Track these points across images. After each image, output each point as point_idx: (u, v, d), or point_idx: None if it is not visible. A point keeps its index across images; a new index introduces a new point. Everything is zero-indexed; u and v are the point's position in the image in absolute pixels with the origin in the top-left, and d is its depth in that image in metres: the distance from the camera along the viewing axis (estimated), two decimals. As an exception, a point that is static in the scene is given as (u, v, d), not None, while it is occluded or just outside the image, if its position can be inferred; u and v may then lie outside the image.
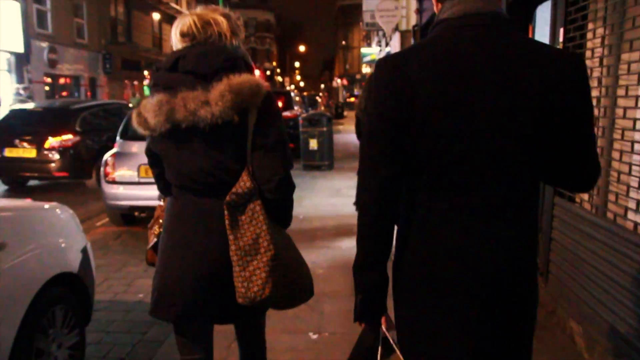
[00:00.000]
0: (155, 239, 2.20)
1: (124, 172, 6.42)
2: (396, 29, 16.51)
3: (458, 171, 1.37)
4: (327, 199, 8.48)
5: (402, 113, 1.37)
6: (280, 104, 3.02)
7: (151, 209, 6.49)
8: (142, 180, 6.33)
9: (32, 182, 10.52)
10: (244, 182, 1.83)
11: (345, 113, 40.53)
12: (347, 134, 23.49)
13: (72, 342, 2.95)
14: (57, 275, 2.81)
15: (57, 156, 9.24)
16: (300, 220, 6.78)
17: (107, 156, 6.62)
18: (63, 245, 3.01)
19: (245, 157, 1.86)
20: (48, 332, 2.73)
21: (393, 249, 1.55)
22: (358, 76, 61.33)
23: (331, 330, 3.68)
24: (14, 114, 10.15)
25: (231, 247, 1.83)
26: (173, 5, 34.06)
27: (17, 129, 9.53)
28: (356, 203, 6.47)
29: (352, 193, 8.92)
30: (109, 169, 6.46)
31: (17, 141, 9.31)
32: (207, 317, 1.98)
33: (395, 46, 12.87)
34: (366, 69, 47.16)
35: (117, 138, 6.84)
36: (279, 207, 1.93)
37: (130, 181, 6.39)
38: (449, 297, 1.41)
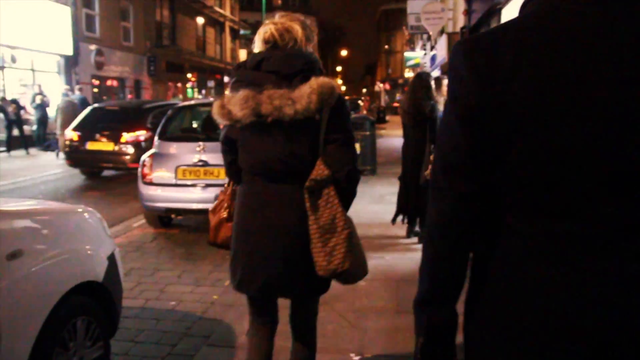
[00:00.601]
0: (224, 222, 2.39)
1: (161, 174, 6.26)
2: (442, 31, 16.07)
3: (569, 188, 1.00)
4: (370, 205, 8.14)
5: (489, 110, 1.03)
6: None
7: (188, 212, 6.36)
8: (179, 182, 6.16)
9: (106, 173, 11.63)
10: (322, 170, 2.08)
11: (388, 117, 39.98)
12: (389, 139, 23.07)
13: (96, 356, 2.74)
14: (80, 285, 2.60)
15: (131, 149, 10.36)
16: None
17: (144, 157, 6.48)
18: (88, 252, 2.80)
19: (317, 149, 2.10)
20: (69, 345, 2.52)
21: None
22: (400, 81, 60.67)
23: (374, 352, 3.37)
24: (94, 112, 11.39)
25: (312, 227, 2.07)
26: (217, 9, 34.39)
27: (97, 125, 10.78)
28: (401, 220, 6.15)
29: (396, 200, 8.61)
30: (146, 170, 6.31)
31: (97, 136, 10.58)
32: (279, 292, 2.25)
33: (441, 49, 12.44)
34: (409, 74, 46.60)
35: (155, 139, 6.70)
36: (346, 194, 2.18)
37: (168, 183, 6.22)
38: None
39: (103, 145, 10.60)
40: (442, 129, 1.16)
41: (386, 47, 69.95)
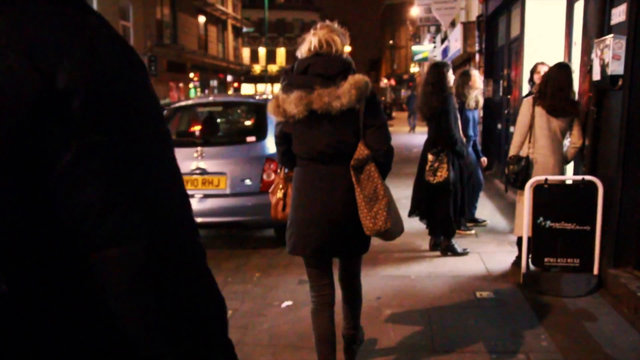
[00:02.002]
0: (280, 200, 2.91)
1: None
2: (452, 23, 15.35)
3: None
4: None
5: None
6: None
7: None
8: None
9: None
10: (362, 151, 2.55)
11: (394, 114, 39.25)
12: (397, 135, 22.44)
13: None
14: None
15: None
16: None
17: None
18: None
19: (358, 133, 2.57)
20: None
21: None
22: (406, 76, 59.82)
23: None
24: None
25: (359, 197, 2.54)
26: (219, 6, 33.73)
27: None
28: (419, 220, 5.54)
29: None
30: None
31: None
32: (330, 252, 2.70)
33: (455, 41, 11.76)
34: (414, 69, 45.76)
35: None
36: (385, 167, 2.68)
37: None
38: None
39: None
40: None
41: (391, 42, 69.07)
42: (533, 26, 7.69)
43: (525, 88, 7.88)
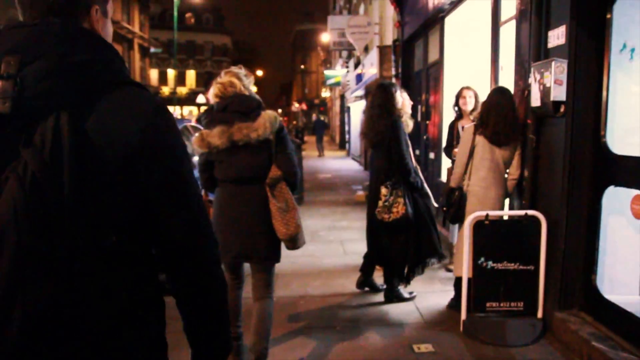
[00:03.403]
0: None
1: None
2: (366, 48, 15.25)
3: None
4: (305, 246, 6.84)
5: None
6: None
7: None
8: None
9: None
10: (276, 172, 3.11)
11: (306, 138, 39.09)
12: (309, 160, 22.06)
13: None
14: None
15: None
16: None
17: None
18: None
19: (271, 158, 3.12)
20: None
21: None
22: (317, 101, 60.22)
23: None
24: None
25: (274, 208, 3.09)
26: (125, 24, 32.16)
27: None
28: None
29: (333, 236, 7.37)
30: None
31: None
32: (246, 257, 3.19)
33: (372, 65, 11.53)
34: (326, 93, 46.02)
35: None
36: (293, 185, 3.20)
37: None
38: None
39: None
40: None
41: (302, 67, 69.59)
42: (453, 50, 7.48)
43: (447, 114, 7.66)
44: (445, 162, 7.11)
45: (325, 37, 29.36)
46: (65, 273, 1.00)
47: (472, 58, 6.67)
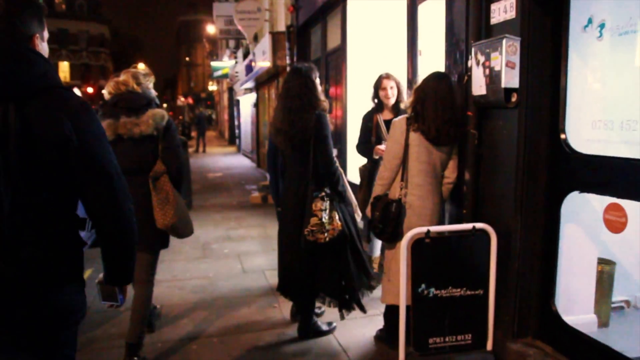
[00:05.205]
0: None
1: None
2: (255, 37, 14.24)
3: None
4: (193, 263, 5.78)
5: None
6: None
7: None
8: None
9: None
10: (159, 166, 3.29)
11: (193, 134, 37.24)
12: (198, 159, 20.66)
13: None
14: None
15: None
16: (157, 323, 4.05)
17: None
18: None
19: (156, 153, 3.30)
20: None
21: None
22: (203, 95, 57.99)
23: None
24: None
25: (154, 199, 3.28)
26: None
27: None
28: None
29: (229, 249, 6.33)
30: None
31: None
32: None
33: (264, 53, 10.54)
34: (213, 87, 44.20)
35: None
36: (176, 180, 3.37)
37: None
38: None
39: None
40: None
41: (187, 59, 66.75)
42: (357, 35, 6.75)
43: (352, 106, 6.93)
44: (352, 160, 6.38)
45: (211, 29, 27.82)
46: (7, 219, 1.50)
47: (382, 43, 5.96)
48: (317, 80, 3.61)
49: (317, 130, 3.40)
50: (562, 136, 2.98)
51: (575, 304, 3.23)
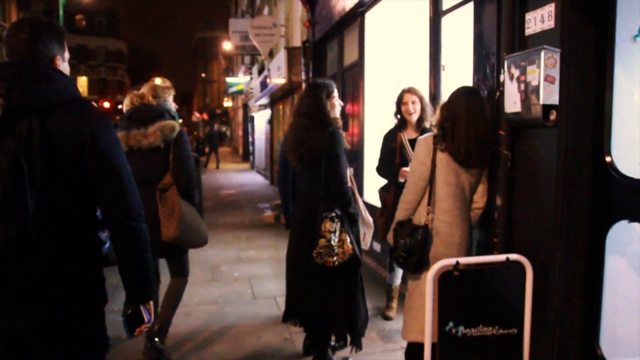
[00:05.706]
0: None
1: None
2: (270, 53, 14.09)
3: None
4: (202, 286, 5.49)
5: None
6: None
7: None
8: None
9: None
10: (168, 179, 3.31)
11: (207, 149, 37.17)
12: (211, 174, 20.49)
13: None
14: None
15: None
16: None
17: None
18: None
19: (166, 166, 3.35)
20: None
21: None
22: (218, 111, 58.14)
23: None
24: None
25: (160, 211, 3.29)
26: (1, 23, 28.79)
27: None
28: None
29: (239, 272, 6.04)
30: None
31: None
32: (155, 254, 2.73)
33: (279, 69, 10.35)
34: (228, 103, 44.18)
35: None
36: (186, 193, 3.40)
37: None
38: None
39: None
40: None
41: (203, 75, 67.19)
42: (376, 50, 6.50)
43: (369, 123, 6.67)
44: (370, 180, 6.09)
45: (227, 46, 27.81)
46: (28, 217, 1.63)
47: (402, 58, 5.69)
48: (336, 96, 3.37)
49: (329, 147, 3.16)
50: (608, 159, 2.67)
51: (621, 346, 2.88)
